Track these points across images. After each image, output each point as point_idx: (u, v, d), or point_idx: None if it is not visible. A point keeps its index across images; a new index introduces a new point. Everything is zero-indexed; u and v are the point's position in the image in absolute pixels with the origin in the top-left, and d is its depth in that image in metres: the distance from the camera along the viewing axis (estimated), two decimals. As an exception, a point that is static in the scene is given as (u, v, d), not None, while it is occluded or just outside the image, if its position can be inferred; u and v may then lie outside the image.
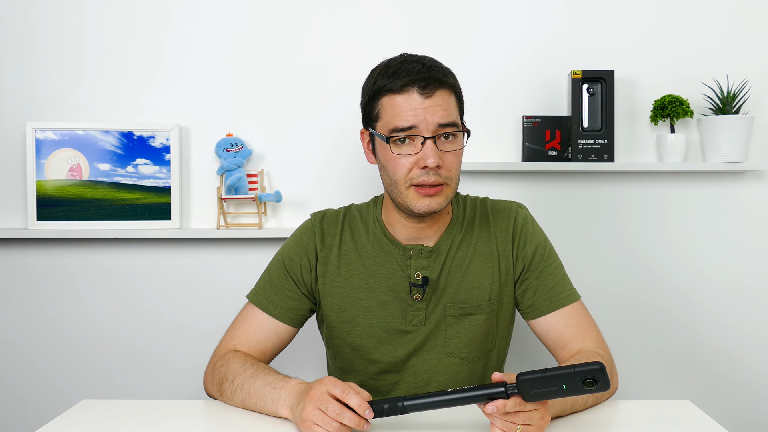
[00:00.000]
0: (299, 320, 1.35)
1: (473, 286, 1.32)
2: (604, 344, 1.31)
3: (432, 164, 1.20)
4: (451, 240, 1.34)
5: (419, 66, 1.22)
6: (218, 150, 1.85)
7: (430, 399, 1.02)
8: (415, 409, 1.03)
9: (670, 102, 1.82)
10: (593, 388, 0.95)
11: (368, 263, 1.33)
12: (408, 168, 1.22)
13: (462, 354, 1.32)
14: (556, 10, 1.90)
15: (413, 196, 1.23)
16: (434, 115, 1.21)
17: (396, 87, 1.21)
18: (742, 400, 1.95)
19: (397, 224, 1.33)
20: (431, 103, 1.21)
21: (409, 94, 1.21)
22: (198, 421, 1.18)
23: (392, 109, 1.22)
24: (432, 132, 1.21)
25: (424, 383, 1.33)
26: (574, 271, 1.91)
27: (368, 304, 1.32)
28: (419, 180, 1.22)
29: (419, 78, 1.20)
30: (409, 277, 1.31)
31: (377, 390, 1.34)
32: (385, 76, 1.23)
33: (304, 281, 1.34)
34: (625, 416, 1.19)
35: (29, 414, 1.90)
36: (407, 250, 1.32)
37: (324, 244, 1.35)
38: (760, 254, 1.93)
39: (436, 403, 1.02)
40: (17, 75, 1.88)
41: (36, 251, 1.90)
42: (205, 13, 1.89)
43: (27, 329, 1.91)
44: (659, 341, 1.94)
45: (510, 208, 1.37)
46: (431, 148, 1.20)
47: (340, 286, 1.33)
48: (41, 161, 1.85)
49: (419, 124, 1.20)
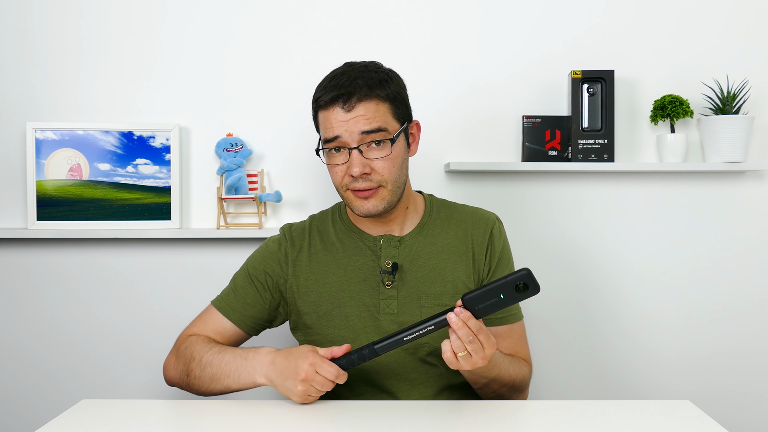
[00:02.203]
0: (255, 329, 1.43)
1: (448, 280, 1.39)
2: (530, 360, 1.47)
3: (357, 173, 1.29)
4: (420, 232, 1.42)
5: (345, 79, 1.31)
6: (218, 150, 1.85)
7: (396, 337, 1.16)
8: (386, 350, 1.18)
9: (670, 102, 1.82)
10: (526, 293, 1.10)
11: (339, 257, 1.40)
12: (341, 175, 1.33)
13: (433, 360, 1.36)
14: (557, 11, 1.90)
15: (352, 198, 1.34)
16: (356, 125, 1.29)
17: (323, 103, 1.32)
18: (742, 400, 1.95)
19: (363, 219, 1.41)
20: (353, 114, 1.30)
21: (333, 109, 1.30)
22: (198, 421, 1.18)
23: (323, 122, 1.33)
24: (357, 141, 1.30)
25: (395, 384, 1.36)
26: (574, 270, 1.91)
27: (342, 296, 1.37)
28: (352, 186, 1.32)
29: (339, 94, 1.30)
30: (380, 266, 1.38)
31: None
32: (319, 90, 1.35)
33: (269, 288, 1.41)
34: (625, 416, 1.19)
35: (29, 414, 1.90)
36: (377, 240, 1.40)
37: (294, 246, 1.43)
38: (760, 254, 1.94)
39: (400, 341, 1.16)
40: (17, 75, 1.88)
41: (36, 251, 1.90)
42: (206, 13, 1.89)
43: (27, 329, 1.91)
44: (659, 341, 1.94)
45: (489, 217, 1.46)
46: (357, 157, 1.30)
47: (315, 283, 1.39)
48: (41, 161, 1.85)
49: (343, 134, 1.30)
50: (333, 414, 1.19)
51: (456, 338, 1.13)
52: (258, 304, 1.41)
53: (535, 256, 1.90)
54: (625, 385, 1.94)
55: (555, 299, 1.92)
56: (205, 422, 1.16)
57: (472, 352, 1.14)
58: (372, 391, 1.37)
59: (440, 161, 1.90)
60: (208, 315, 1.42)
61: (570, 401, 1.51)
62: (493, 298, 1.11)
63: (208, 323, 1.41)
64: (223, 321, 1.40)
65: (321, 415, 1.19)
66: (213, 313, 1.41)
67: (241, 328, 1.41)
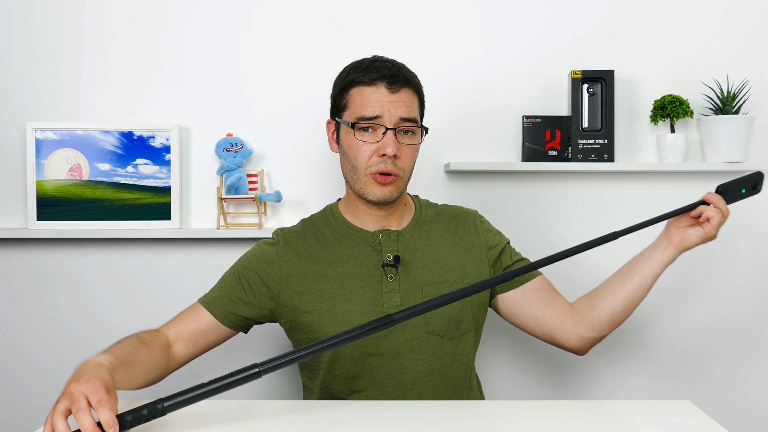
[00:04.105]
0: (238, 324, 1.43)
1: (446, 270, 1.42)
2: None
3: (390, 153, 1.33)
4: (415, 226, 1.46)
5: (389, 65, 1.36)
6: (218, 150, 1.85)
7: (189, 395, 1.05)
8: (175, 407, 1.05)
9: (670, 102, 1.82)
10: (754, 192, 1.42)
11: (337, 255, 1.42)
12: (368, 155, 1.35)
13: (442, 332, 1.39)
14: (557, 11, 1.90)
15: (370, 183, 1.36)
16: (398, 109, 1.34)
17: (366, 80, 1.34)
18: (742, 400, 1.95)
19: (363, 214, 1.43)
20: (396, 98, 1.34)
21: (377, 87, 1.34)
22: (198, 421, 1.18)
23: (360, 99, 1.35)
24: (394, 124, 1.34)
25: (407, 362, 1.39)
26: (573, 270, 1.91)
27: (343, 293, 1.38)
28: (377, 168, 1.34)
29: (389, 74, 1.34)
30: (380, 260, 1.40)
31: (362, 375, 1.39)
32: (357, 70, 1.36)
33: (255, 288, 1.42)
34: (625, 416, 1.19)
35: (29, 414, 1.90)
36: (375, 235, 1.43)
37: (289, 247, 1.44)
38: (760, 254, 1.94)
39: (194, 398, 1.06)
40: (17, 75, 1.88)
41: (36, 251, 1.90)
42: (206, 13, 1.89)
43: (27, 329, 1.91)
44: (659, 341, 1.94)
45: (473, 212, 1.54)
46: (392, 137, 1.33)
47: (315, 281, 1.40)
48: (41, 161, 1.85)
49: (384, 114, 1.33)
50: (333, 414, 1.19)
51: (717, 213, 1.35)
52: (241, 302, 1.42)
53: (535, 255, 1.90)
54: (625, 385, 1.94)
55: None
56: (205, 422, 1.16)
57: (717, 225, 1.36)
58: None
59: (440, 161, 1.90)
60: (191, 311, 1.43)
61: (570, 401, 1.51)
62: (737, 191, 1.39)
63: (184, 321, 1.41)
64: (205, 316, 1.41)
65: (321, 415, 1.19)
66: (196, 308, 1.43)
67: (223, 323, 1.42)
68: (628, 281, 1.42)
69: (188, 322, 1.41)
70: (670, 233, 1.40)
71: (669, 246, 1.40)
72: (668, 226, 1.42)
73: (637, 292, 1.42)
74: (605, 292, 1.45)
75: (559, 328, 1.47)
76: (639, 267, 1.42)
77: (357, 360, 1.39)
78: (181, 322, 1.41)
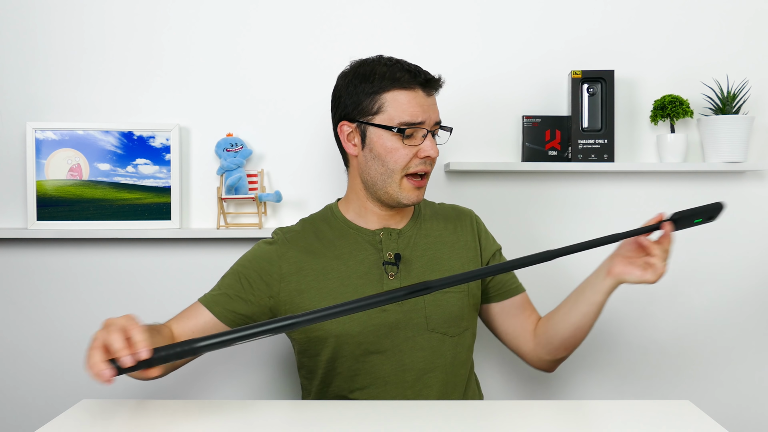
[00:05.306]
0: (236, 322, 1.42)
1: (445, 268, 1.45)
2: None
3: (434, 155, 1.37)
4: (415, 225, 1.48)
5: (414, 66, 1.38)
6: (218, 150, 1.85)
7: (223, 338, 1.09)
8: (209, 349, 1.09)
9: (670, 102, 1.82)
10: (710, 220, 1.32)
11: (338, 253, 1.42)
12: (408, 158, 1.36)
13: (443, 329, 1.41)
14: (557, 11, 1.90)
15: (405, 186, 1.38)
16: (434, 113, 1.39)
17: (405, 83, 1.35)
18: (742, 400, 1.95)
19: (370, 214, 1.45)
20: (432, 102, 1.40)
21: (416, 92, 1.36)
22: (198, 421, 1.18)
23: (400, 104, 1.35)
24: (431, 127, 1.39)
25: (409, 360, 1.40)
26: (573, 270, 1.91)
27: (344, 291, 1.39)
28: (416, 169, 1.38)
29: (424, 79, 1.37)
30: (381, 258, 1.42)
31: (363, 373, 1.40)
32: (387, 76, 1.36)
33: (255, 287, 1.42)
34: (625, 416, 1.19)
35: (29, 414, 1.90)
36: (376, 233, 1.44)
37: (290, 245, 1.45)
38: (760, 254, 1.94)
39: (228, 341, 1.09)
40: (17, 75, 1.88)
41: (36, 251, 1.90)
42: (206, 13, 1.89)
43: (27, 329, 1.91)
44: (659, 341, 1.94)
45: (469, 212, 1.57)
46: (432, 140, 1.38)
47: (315, 279, 1.40)
48: (41, 161, 1.85)
49: (426, 119, 1.37)
50: (333, 414, 1.19)
51: (660, 249, 1.29)
52: (240, 299, 1.42)
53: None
54: (625, 385, 1.94)
55: (554, 299, 1.92)
56: (205, 422, 1.16)
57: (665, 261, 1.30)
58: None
59: (440, 161, 1.90)
60: (191, 309, 1.44)
61: (570, 401, 1.52)
62: (691, 220, 1.30)
63: (184, 319, 1.42)
64: (205, 314, 1.41)
65: (321, 415, 1.19)
66: (196, 307, 1.43)
67: (222, 321, 1.42)
68: (575, 308, 1.42)
69: (188, 320, 1.42)
70: (613, 261, 1.36)
71: (608, 276, 1.36)
72: (617, 250, 1.39)
73: (584, 320, 1.41)
74: (557, 316, 1.47)
75: (524, 348, 1.53)
76: (585, 294, 1.41)
77: (359, 358, 1.39)
78: (181, 321, 1.42)
